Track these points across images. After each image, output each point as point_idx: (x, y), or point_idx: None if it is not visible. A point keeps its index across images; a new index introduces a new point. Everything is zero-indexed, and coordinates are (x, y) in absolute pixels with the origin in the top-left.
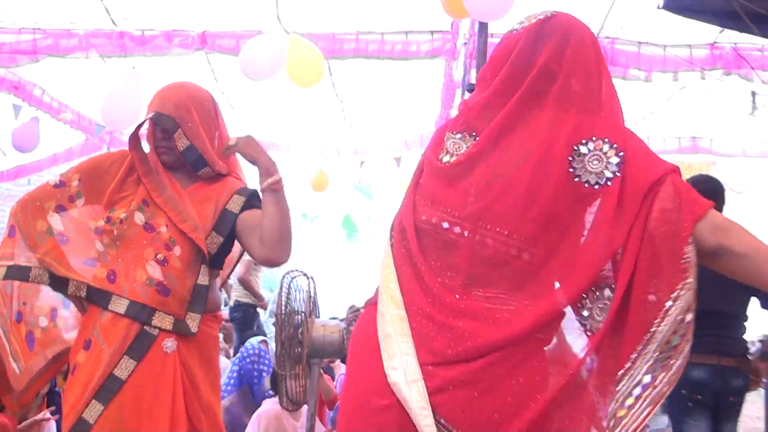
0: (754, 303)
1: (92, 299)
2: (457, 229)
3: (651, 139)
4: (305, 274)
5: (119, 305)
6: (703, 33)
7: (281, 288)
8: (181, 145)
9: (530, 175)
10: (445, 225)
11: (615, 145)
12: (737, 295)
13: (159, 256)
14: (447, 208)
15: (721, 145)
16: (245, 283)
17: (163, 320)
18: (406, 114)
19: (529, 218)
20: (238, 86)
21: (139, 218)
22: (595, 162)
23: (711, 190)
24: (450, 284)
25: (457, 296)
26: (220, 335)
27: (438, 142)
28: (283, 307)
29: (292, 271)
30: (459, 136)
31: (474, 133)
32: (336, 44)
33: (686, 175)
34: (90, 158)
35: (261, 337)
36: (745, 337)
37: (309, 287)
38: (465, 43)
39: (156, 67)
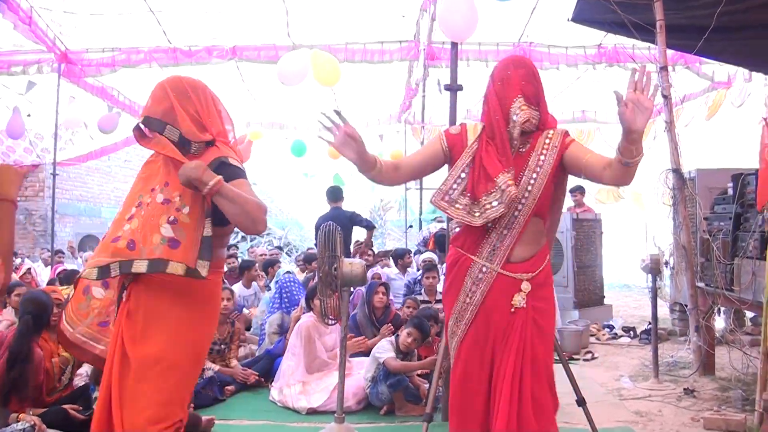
0: None
1: None
2: None
3: (556, 113)
4: (336, 226)
5: (140, 266)
6: (591, 37)
7: (318, 237)
8: (173, 137)
9: None
10: None
11: None
12: None
13: (171, 218)
14: None
15: (602, 116)
16: None
17: (175, 268)
18: (381, 101)
19: None
20: (258, 85)
21: (159, 197)
22: None
23: None
24: None
25: None
26: None
27: None
28: (322, 251)
29: (327, 224)
30: None
31: None
32: (331, 53)
33: (580, 138)
34: None
35: (285, 269)
36: None
37: (339, 236)
38: (423, 49)
39: (198, 73)
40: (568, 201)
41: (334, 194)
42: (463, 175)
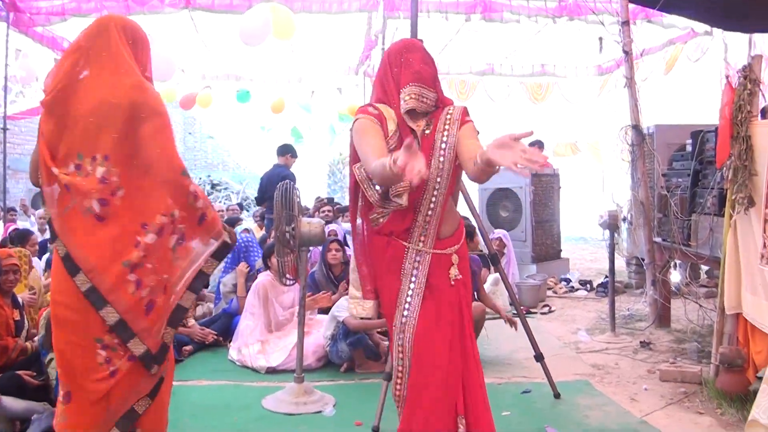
0: None
1: None
2: None
3: (516, 67)
4: (292, 184)
5: None
6: None
7: (276, 195)
8: None
9: None
10: None
11: None
12: None
13: None
14: None
15: (560, 70)
16: None
17: None
18: (339, 54)
19: None
20: (212, 34)
21: None
22: None
23: None
24: None
25: None
26: None
27: None
28: (279, 210)
29: (284, 182)
30: None
31: None
32: (287, 3)
33: (539, 92)
34: None
35: (242, 227)
36: None
37: (297, 195)
38: None
39: (151, 22)
40: None
41: (279, 150)
42: None
